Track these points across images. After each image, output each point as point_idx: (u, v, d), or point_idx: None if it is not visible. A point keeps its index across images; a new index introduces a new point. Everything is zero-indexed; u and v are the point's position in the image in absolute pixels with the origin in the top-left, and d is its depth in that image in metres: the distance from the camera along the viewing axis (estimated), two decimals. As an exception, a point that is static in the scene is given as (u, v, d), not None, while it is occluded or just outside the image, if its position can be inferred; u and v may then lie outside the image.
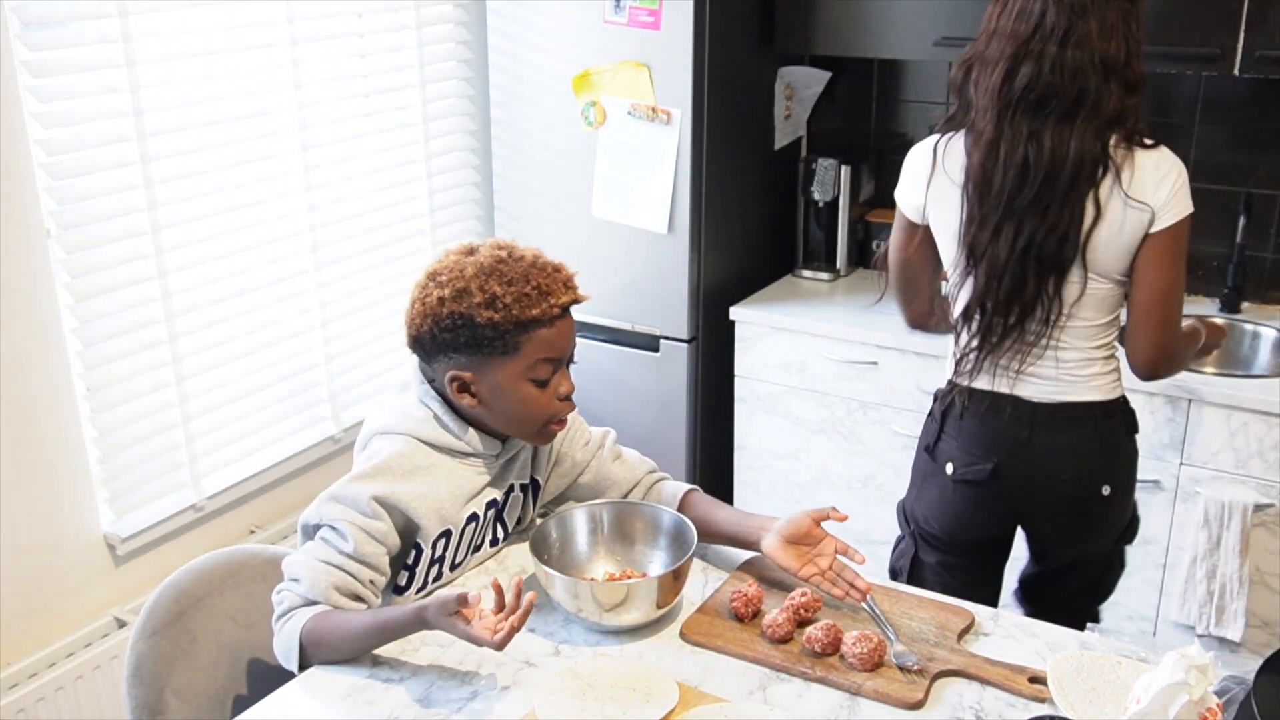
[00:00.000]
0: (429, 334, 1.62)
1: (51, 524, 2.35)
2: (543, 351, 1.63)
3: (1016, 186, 1.87)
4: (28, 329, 2.25)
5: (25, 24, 2.15)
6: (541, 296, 1.60)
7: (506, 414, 1.65)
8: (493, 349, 1.60)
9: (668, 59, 2.81)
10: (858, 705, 1.46)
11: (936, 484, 2.10)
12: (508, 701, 1.48)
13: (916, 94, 3.24)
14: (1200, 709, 1.28)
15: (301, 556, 1.59)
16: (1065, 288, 1.91)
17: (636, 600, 1.58)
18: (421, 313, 1.62)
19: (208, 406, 2.61)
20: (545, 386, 1.65)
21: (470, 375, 1.62)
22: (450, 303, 1.59)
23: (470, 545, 1.73)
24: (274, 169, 2.68)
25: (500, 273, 1.60)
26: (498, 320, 1.58)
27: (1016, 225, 1.89)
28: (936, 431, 2.10)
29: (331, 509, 1.59)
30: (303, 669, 1.55)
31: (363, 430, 1.71)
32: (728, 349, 3.04)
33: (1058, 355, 1.96)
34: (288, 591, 1.57)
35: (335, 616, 1.54)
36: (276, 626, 1.56)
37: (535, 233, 3.12)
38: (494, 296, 1.58)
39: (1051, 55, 1.83)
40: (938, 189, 2.00)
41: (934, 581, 2.13)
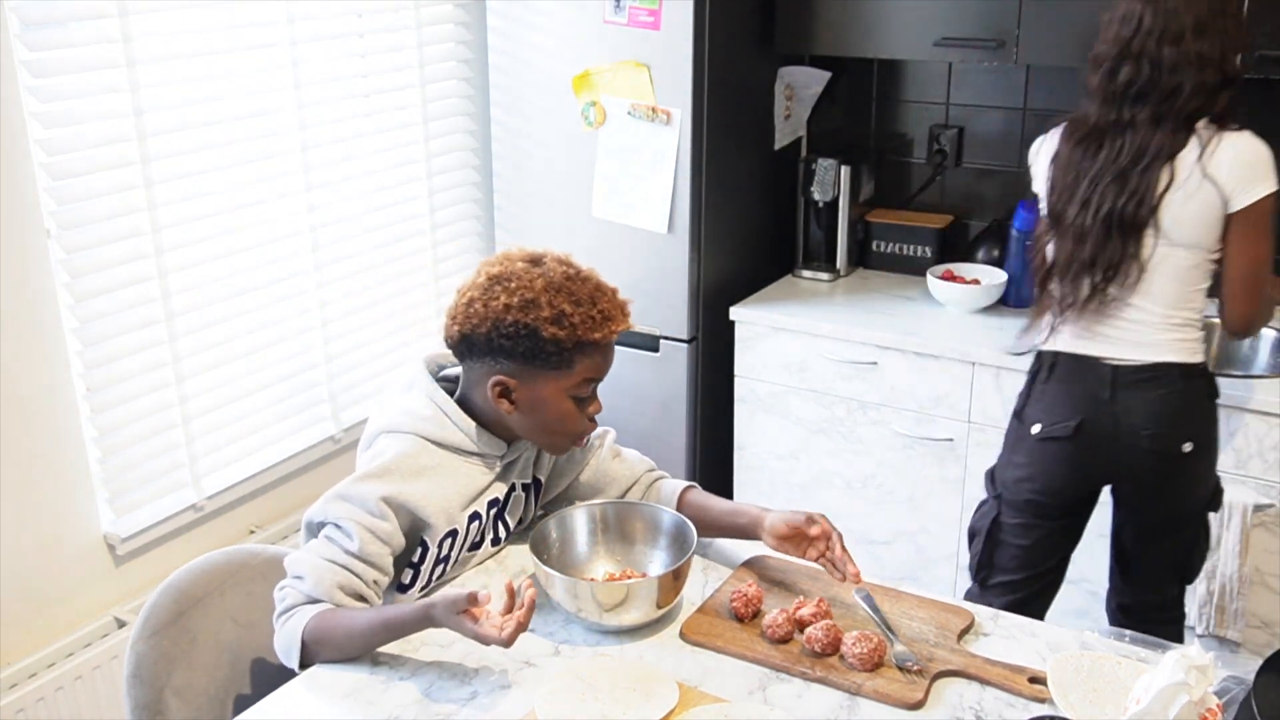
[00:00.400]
0: (485, 336, 1.62)
1: (51, 524, 2.35)
2: (591, 372, 1.65)
3: (1107, 163, 2.10)
4: (28, 329, 2.25)
5: (25, 24, 2.15)
6: (605, 321, 1.62)
7: (540, 424, 1.67)
8: (547, 363, 1.62)
9: (668, 59, 2.81)
10: (858, 705, 1.46)
11: (1025, 446, 2.26)
12: (508, 701, 1.48)
13: (916, 94, 3.24)
14: (1200, 709, 1.28)
15: (306, 554, 1.59)
16: (1142, 249, 2.10)
17: (636, 600, 1.58)
18: (483, 315, 1.61)
19: (208, 406, 2.61)
20: (582, 404, 1.67)
21: (515, 383, 1.63)
22: (516, 311, 1.59)
23: (468, 543, 1.73)
24: (274, 169, 2.68)
25: (569, 291, 1.61)
26: (561, 337, 1.59)
27: (1100, 195, 2.10)
28: (1024, 397, 2.28)
29: (338, 507, 1.59)
30: (304, 667, 1.54)
31: (367, 429, 1.71)
32: (728, 349, 3.04)
33: (1139, 319, 2.13)
34: (290, 589, 1.57)
35: (339, 614, 1.54)
36: (278, 624, 1.56)
37: (535, 233, 3.12)
38: (562, 314, 1.59)
39: (1150, 54, 2.05)
40: (1037, 172, 2.28)
41: (1010, 543, 2.32)
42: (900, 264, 3.20)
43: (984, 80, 3.13)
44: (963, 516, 2.83)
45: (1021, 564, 2.33)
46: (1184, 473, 2.18)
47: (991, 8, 2.72)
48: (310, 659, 1.55)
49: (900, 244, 3.20)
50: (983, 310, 2.93)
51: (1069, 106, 3.00)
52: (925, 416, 2.81)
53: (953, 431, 2.78)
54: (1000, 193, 3.18)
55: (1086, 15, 2.61)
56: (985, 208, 3.21)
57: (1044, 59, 2.75)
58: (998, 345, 2.70)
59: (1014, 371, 2.65)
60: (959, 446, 2.78)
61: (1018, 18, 2.69)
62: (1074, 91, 2.99)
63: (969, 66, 3.13)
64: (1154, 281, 2.12)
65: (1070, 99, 3.00)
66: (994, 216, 3.17)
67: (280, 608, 1.57)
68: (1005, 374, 2.67)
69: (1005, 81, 3.10)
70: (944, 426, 2.79)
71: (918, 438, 2.83)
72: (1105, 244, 2.11)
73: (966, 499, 2.81)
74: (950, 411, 2.77)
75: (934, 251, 3.15)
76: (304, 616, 1.53)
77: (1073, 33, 2.65)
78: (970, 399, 2.73)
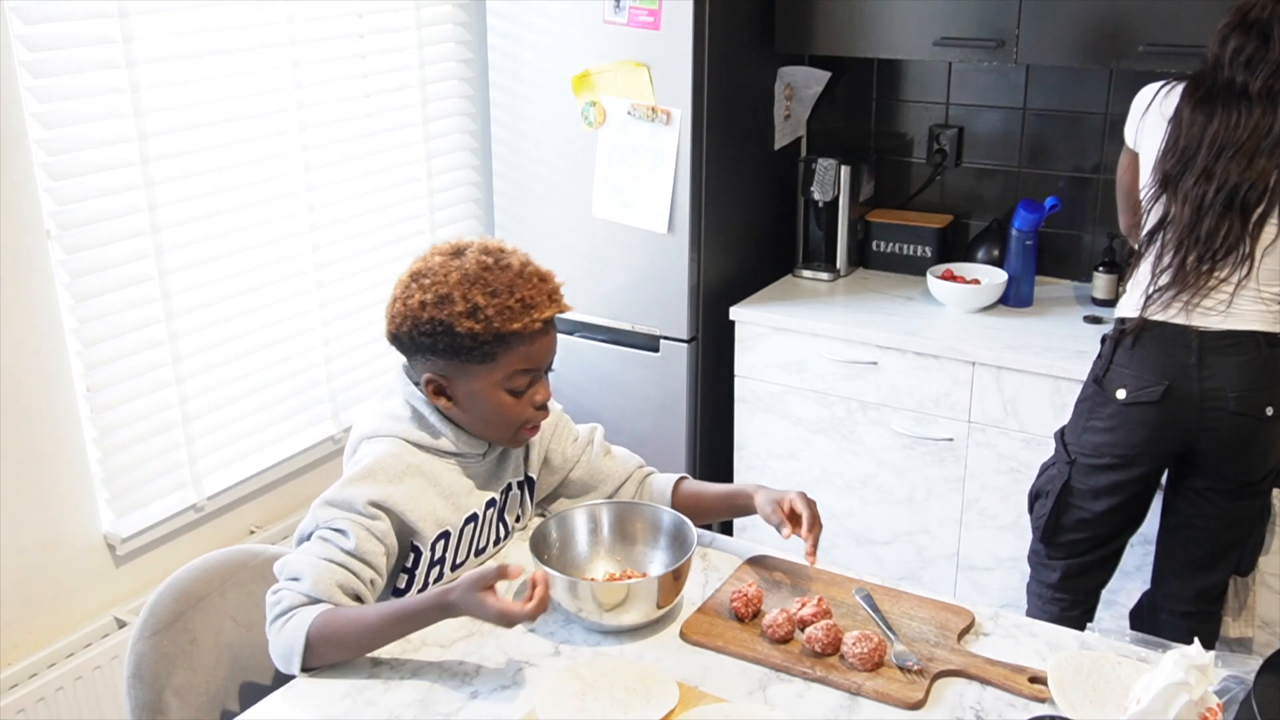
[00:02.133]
0: (407, 334, 1.61)
1: (51, 524, 2.35)
2: (520, 364, 1.60)
3: (1228, 134, 2.13)
4: (28, 329, 2.25)
5: (25, 24, 2.15)
6: (524, 310, 1.57)
7: (480, 419, 1.65)
8: (470, 357, 1.58)
9: (668, 59, 2.81)
10: (858, 705, 1.46)
11: (1107, 411, 2.29)
12: (508, 701, 1.48)
13: (916, 94, 3.24)
14: (1200, 709, 1.28)
15: (301, 555, 1.57)
16: (1262, 234, 2.15)
17: (636, 600, 1.58)
18: (402, 313, 1.60)
19: (208, 406, 2.61)
20: (521, 395, 1.63)
21: (446, 380, 1.62)
22: (431, 308, 1.57)
23: (472, 546, 1.73)
24: (274, 169, 2.68)
25: (485, 281, 1.57)
26: (478, 331, 1.55)
27: (1224, 171, 2.13)
28: (1106, 363, 2.30)
29: (327, 512, 1.58)
30: (305, 670, 1.52)
31: (350, 437, 1.70)
32: (728, 349, 3.04)
33: (1233, 292, 2.18)
34: (286, 591, 1.54)
35: (344, 612, 1.52)
36: (274, 628, 1.53)
37: (535, 233, 3.13)
38: (476, 307, 1.55)
39: (1263, 24, 2.13)
40: (1149, 124, 2.30)
41: (1080, 507, 2.36)
42: (900, 264, 3.20)
43: (984, 80, 3.13)
44: (963, 516, 2.83)
45: (1090, 527, 2.37)
46: (1263, 436, 2.24)
47: (991, 8, 2.72)
48: (313, 660, 1.51)
49: (900, 244, 3.20)
50: (983, 310, 2.93)
51: (1069, 106, 3.02)
52: (925, 416, 2.81)
53: (953, 431, 2.78)
54: (1000, 192, 3.18)
55: (1087, 15, 2.62)
56: (985, 207, 3.21)
57: (1044, 59, 2.75)
58: (998, 345, 2.70)
59: (1014, 371, 2.65)
60: (959, 446, 2.78)
61: (1018, 18, 2.69)
62: (1074, 91, 3.00)
63: (969, 66, 3.13)
64: (1261, 260, 2.17)
65: (1070, 99, 3.02)
66: (994, 216, 3.17)
67: (275, 611, 1.53)
68: (1005, 374, 2.67)
69: (1005, 81, 3.10)
70: (944, 426, 2.79)
71: (918, 438, 2.83)
72: (1222, 223, 2.14)
73: (966, 499, 2.81)
74: (950, 411, 2.77)
75: (934, 251, 3.15)
76: (306, 616, 1.51)
77: (1073, 33, 2.65)
78: (970, 399, 2.73)
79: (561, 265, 3.08)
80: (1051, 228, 3.04)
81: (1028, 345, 2.69)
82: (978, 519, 2.81)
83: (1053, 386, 2.62)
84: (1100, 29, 2.62)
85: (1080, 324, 2.83)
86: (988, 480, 2.77)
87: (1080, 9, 2.62)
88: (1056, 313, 2.92)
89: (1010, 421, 2.70)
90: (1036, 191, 3.06)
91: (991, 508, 2.79)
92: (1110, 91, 2.96)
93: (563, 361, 3.16)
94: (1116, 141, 2.97)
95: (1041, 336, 2.75)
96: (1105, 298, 2.94)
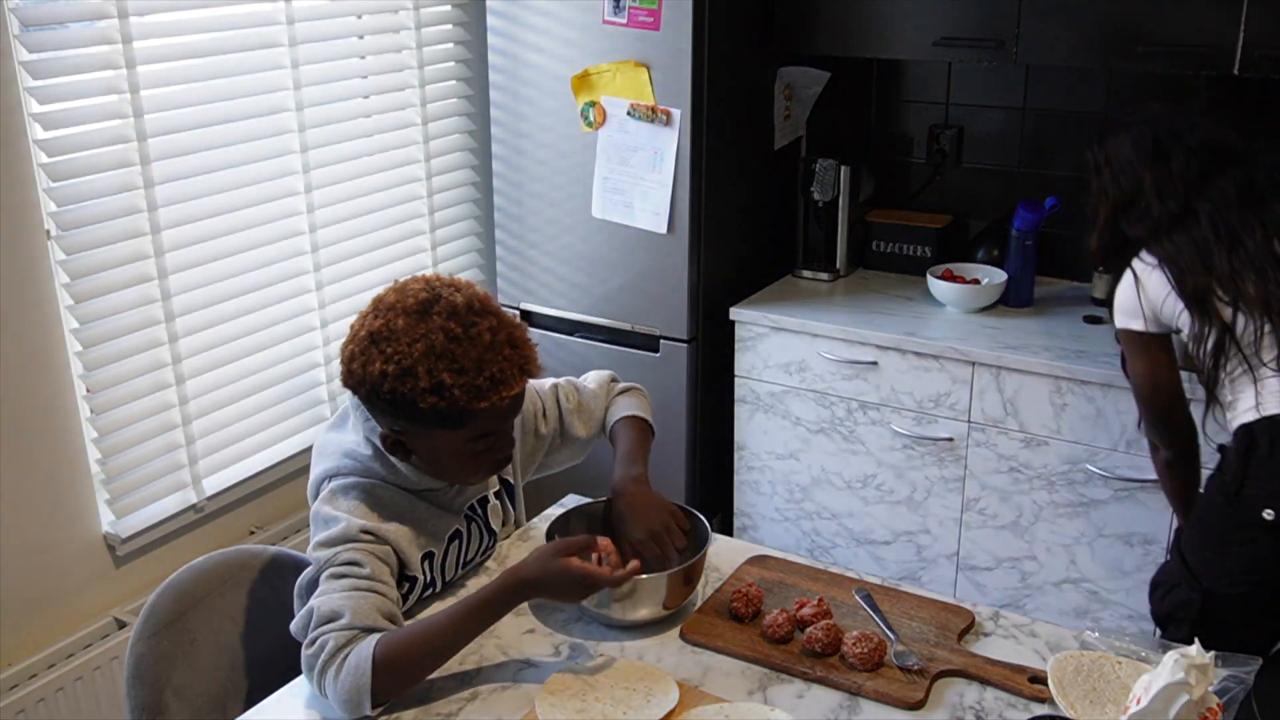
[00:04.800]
0: (366, 397, 1.51)
1: (51, 524, 2.35)
2: (485, 428, 1.51)
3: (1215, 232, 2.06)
4: (28, 329, 2.25)
5: (25, 25, 2.15)
6: (493, 387, 1.46)
7: (440, 470, 1.58)
8: (433, 423, 1.48)
9: (667, 59, 2.81)
10: (858, 705, 1.46)
11: (1247, 535, 1.95)
12: (508, 701, 1.48)
13: (916, 94, 3.24)
14: (1200, 709, 1.28)
15: (326, 596, 1.46)
16: None
17: (645, 597, 1.58)
18: (360, 375, 1.48)
19: (208, 406, 2.61)
20: (484, 449, 1.55)
21: (406, 437, 1.53)
22: (392, 380, 1.44)
23: (460, 559, 1.71)
24: (274, 169, 2.68)
25: (451, 356, 1.44)
26: (443, 408, 1.45)
27: (1246, 247, 2.04)
28: (1238, 478, 1.96)
29: (327, 551, 1.50)
30: (377, 706, 1.41)
31: (312, 474, 1.62)
32: (728, 349, 3.04)
33: None
34: (327, 634, 1.42)
35: (406, 629, 1.43)
36: (328, 675, 1.41)
37: (535, 233, 3.13)
38: (441, 384, 1.43)
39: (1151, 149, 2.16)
40: (1157, 294, 2.13)
41: (1227, 631, 1.92)
42: (900, 264, 3.20)
43: (984, 80, 3.13)
44: (963, 516, 2.83)
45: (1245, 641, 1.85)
46: None
47: (991, 8, 2.71)
48: (384, 692, 1.40)
49: (900, 244, 3.20)
50: (983, 310, 2.93)
51: (1069, 106, 3.02)
52: (925, 416, 2.81)
53: (953, 431, 2.78)
54: (1000, 192, 3.18)
55: (1086, 15, 2.62)
56: (985, 207, 3.21)
57: (1044, 59, 2.75)
58: (998, 345, 2.70)
59: (1014, 371, 2.65)
60: (959, 446, 2.78)
61: (1017, 18, 2.69)
62: (1073, 91, 3.00)
63: (969, 66, 3.13)
64: None
65: (1070, 99, 3.01)
66: (994, 216, 3.17)
67: (323, 658, 1.41)
68: (1005, 374, 2.67)
69: (1005, 81, 3.10)
70: (944, 426, 2.79)
71: (918, 438, 2.83)
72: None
73: (966, 498, 2.81)
74: (950, 411, 2.77)
75: (934, 251, 3.15)
76: (365, 648, 1.40)
77: (1072, 33, 2.65)
78: (970, 399, 2.73)
79: (561, 265, 3.11)
80: (1051, 228, 3.04)
81: (1028, 345, 2.69)
82: (978, 519, 2.81)
83: (1053, 386, 2.62)
84: (1100, 29, 2.62)
85: (1080, 324, 2.83)
86: (988, 480, 2.77)
87: (1080, 9, 2.62)
88: (1056, 313, 2.92)
89: (1010, 421, 2.70)
90: (1036, 191, 3.06)
91: (991, 508, 2.79)
92: (1110, 92, 2.96)
93: (563, 361, 3.16)
94: (1116, 141, 2.98)
95: (1041, 336, 2.75)
96: (1105, 298, 2.92)
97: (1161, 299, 2.11)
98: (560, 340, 3.17)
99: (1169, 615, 2.09)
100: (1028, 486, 2.72)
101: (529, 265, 3.17)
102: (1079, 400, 2.60)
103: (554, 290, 3.15)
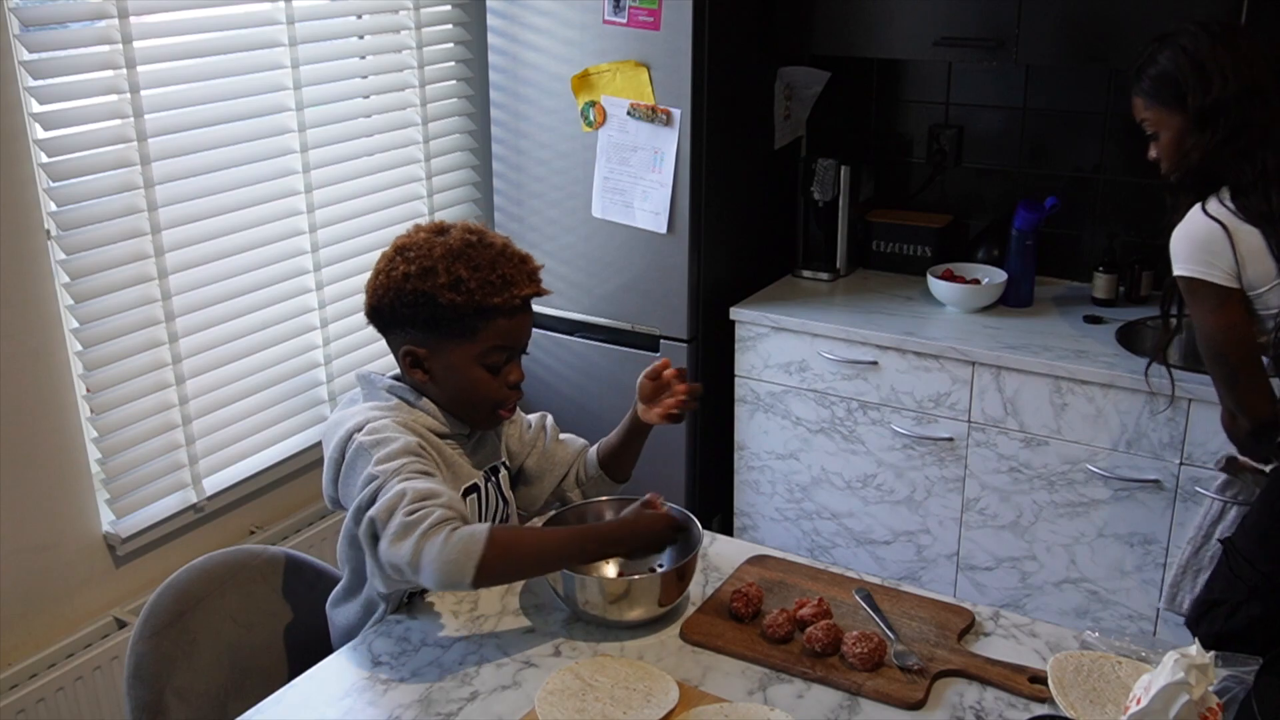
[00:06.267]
0: (389, 307, 1.63)
1: (51, 524, 2.35)
2: (499, 339, 1.64)
3: None
4: (28, 329, 2.25)
5: (25, 25, 2.15)
6: (505, 285, 1.61)
7: (455, 394, 1.67)
8: (450, 330, 1.61)
9: (667, 59, 2.81)
10: (858, 705, 1.46)
11: None
12: (508, 701, 1.48)
13: (916, 94, 3.24)
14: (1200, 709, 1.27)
15: (419, 481, 1.50)
16: None
17: (640, 596, 1.58)
18: (385, 285, 1.63)
19: (208, 406, 2.61)
20: (497, 373, 1.66)
21: (424, 351, 1.64)
22: (415, 280, 1.60)
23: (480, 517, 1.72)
24: (274, 169, 2.68)
25: (468, 257, 1.60)
26: (460, 303, 1.59)
27: None
28: None
29: (392, 464, 1.53)
30: (475, 584, 1.45)
31: (331, 445, 1.63)
32: (728, 349, 3.04)
33: None
34: (433, 506, 1.46)
35: (523, 529, 1.56)
36: (433, 539, 1.43)
37: (535, 233, 3.12)
38: (459, 279, 1.58)
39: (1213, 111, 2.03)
40: (1248, 245, 2.00)
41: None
42: (900, 264, 3.20)
43: (984, 80, 3.13)
44: (963, 516, 2.83)
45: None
46: None
47: (991, 8, 2.71)
48: (490, 570, 1.45)
49: (900, 244, 3.20)
50: (983, 310, 2.93)
51: (1069, 106, 3.02)
52: (925, 416, 2.81)
53: (953, 431, 2.78)
54: (1000, 192, 3.18)
55: (1087, 15, 2.62)
56: (985, 207, 3.21)
57: (1044, 59, 2.75)
58: (998, 345, 2.70)
59: (1014, 371, 2.65)
60: (959, 446, 2.78)
61: (1017, 18, 2.69)
62: (1074, 91, 3.00)
63: (969, 66, 3.13)
64: None
65: (1070, 99, 3.02)
66: (994, 216, 3.17)
67: (430, 522, 1.44)
68: (1005, 374, 2.67)
69: (1005, 81, 3.10)
70: (944, 426, 2.79)
71: (918, 438, 2.83)
72: None
73: (966, 498, 2.81)
74: (950, 411, 2.77)
75: (934, 251, 3.15)
76: (478, 528, 1.46)
77: (1072, 33, 2.65)
78: (970, 399, 2.74)
79: (561, 265, 3.11)
80: (1051, 228, 3.04)
81: (1028, 345, 2.69)
82: (978, 519, 2.81)
83: (1053, 386, 2.62)
84: (1100, 29, 2.62)
85: (1080, 324, 2.83)
86: (988, 480, 2.77)
87: (1080, 9, 2.62)
88: (1056, 313, 2.92)
89: (1010, 421, 2.70)
90: (1036, 191, 3.06)
91: (991, 508, 2.79)
92: (1110, 92, 2.96)
93: (563, 361, 3.16)
94: (1117, 141, 2.98)
95: (1041, 336, 2.75)
96: (1105, 298, 2.94)
97: (1255, 259, 1.97)
98: (560, 340, 3.17)
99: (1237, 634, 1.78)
100: (1028, 486, 2.72)
101: (529, 265, 3.16)
102: (1079, 400, 2.60)
103: (554, 290, 3.14)
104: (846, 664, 1.51)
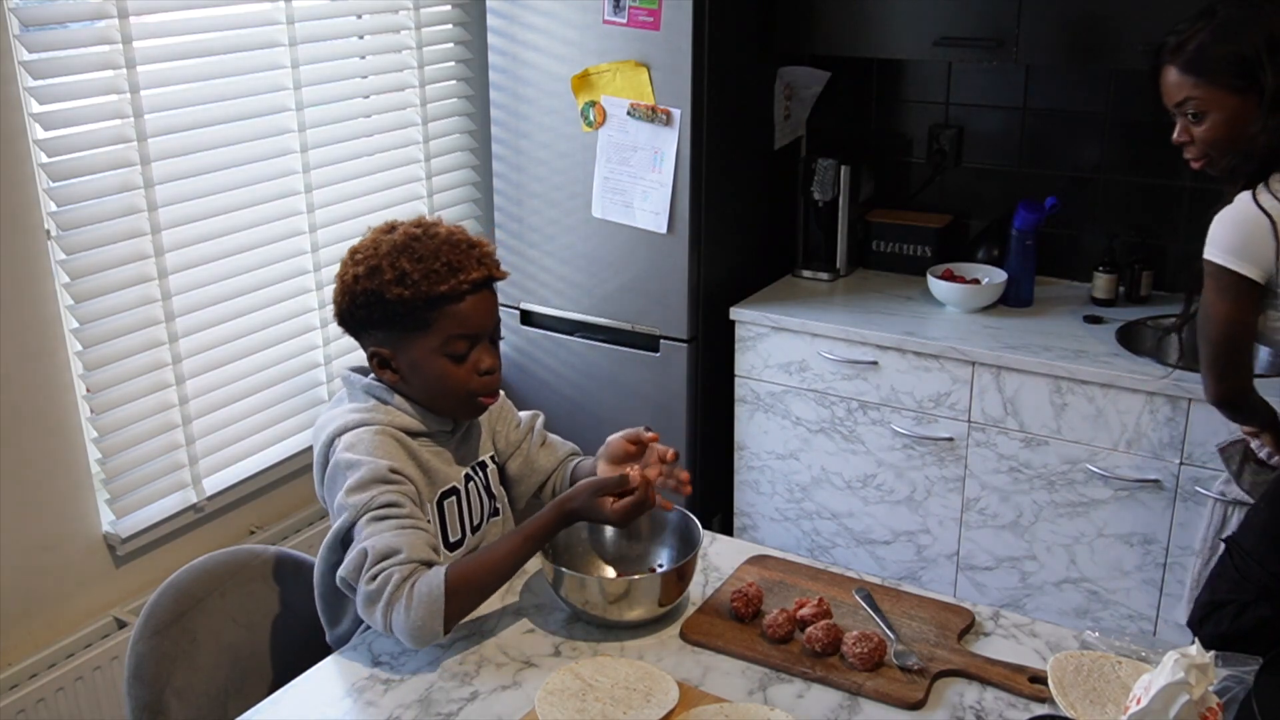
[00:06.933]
0: (347, 311, 1.65)
1: (51, 524, 2.35)
2: (455, 328, 1.63)
3: None
4: (28, 329, 2.25)
5: (25, 25, 2.15)
6: (451, 273, 1.60)
7: (427, 389, 1.67)
8: (405, 325, 1.62)
9: (667, 59, 2.81)
10: (858, 705, 1.46)
11: None
12: (508, 701, 1.48)
13: (916, 94, 3.24)
14: (1200, 709, 1.27)
15: (379, 535, 1.53)
16: None
17: (640, 596, 1.58)
18: (340, 289, 1.66)
19: (208, 406, 2.61)
20: (462, 362, 1.65)
21: (389, 352, 1.65)
22: (364, 280, 1.61)
23: (464, 522, 1.72)
24: (274, 169, 2.68)
25: (411, 250, 1.61)
26: (407, 296, 1.59)
27: None
28: None
29: (362, 495, 1.55)
30: (446, 632, 1.51)
31: (319, 444, 1.66)
32: (727, 349, 3.04)
33: None
34: (389, 569, 1.50)
35: (469, 559, 1.56)
36: (397, 606, 1.48)
37: (535, 233, 3.12)
38: (403, 273, 1.59)
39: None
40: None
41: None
42: (900, 264, 3.20)
43: (984, 80, 3.13)
44: (963, 516, 2.83)
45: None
46: None
47: (991, 8, 2.71)
48: (454, 615, 1.51)
49: (900, 244, 3.20)
50: (983, 310, 2.93)
51: (1069, 106, 3.02)
52: (925, 416, 2.81)
53: (953, 431, 2.78)
54: (1000, 192, 3.18)
55: (1087, 15, 2.62)
56: (985, 207, 3.21)
57: (1044, 59, 2.75)
58: (998, 345, 2.70)
59: (1014, 371, 2.65)
60: (959, 446, 2.78)
61: (1017, 17, 2.69)
62: (1073, 91, 3.00)
63: (969, 66, 3.13)
64: None
65: (1070, 99, 3.01)
66: (994, 216, 3.17)
67: (389, 590, 1.49)
68: (1005, 374, 2.67)
69: (1005, 81, 3.10)
70: (944, 426, 2.79)
71: (918, 437, 2.83)
72: None
73: (966, 498, 2.81)
74: (950, 411, 2.77)
75: (934, 251, 3.15)
76: (435, 576, 1.50)
77: (1072, 32, 2.65)
78: (970, 399, 2.73)
79: (561, 265, 3.11)
80: (1051, 228, 3.04)
81: (1028, 345, 2.69)
82: (978, 519, 2.81)
83: (1053, 386, 2.62)
84: (1100, 29, 2.62)
85: (1080, 324, 2.83)
86: (988, 480, 2.77)
87: (1080, 9, 2.62)
88: (1056, 313, 2.92)
89: (1010, 421, 2.70)
90: (1036, 191, 3.06)
91: (991, 508, 2.79)
92: (1110, 91, 2.96)
93: (563, 361, 3.17)
94: (1116, 141, 2.98)
95: (1041, 336, 2.75)
96: (1105, 297, 2.94)
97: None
98: (560, 340, 3.17)
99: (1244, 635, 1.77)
100: (1028, 486, 2.72)
101: (529, 265, 3.17)
102: (1079, 400, 2.60)
103: (554, 290, 3.15)
104: (846, 664, 1.51)
